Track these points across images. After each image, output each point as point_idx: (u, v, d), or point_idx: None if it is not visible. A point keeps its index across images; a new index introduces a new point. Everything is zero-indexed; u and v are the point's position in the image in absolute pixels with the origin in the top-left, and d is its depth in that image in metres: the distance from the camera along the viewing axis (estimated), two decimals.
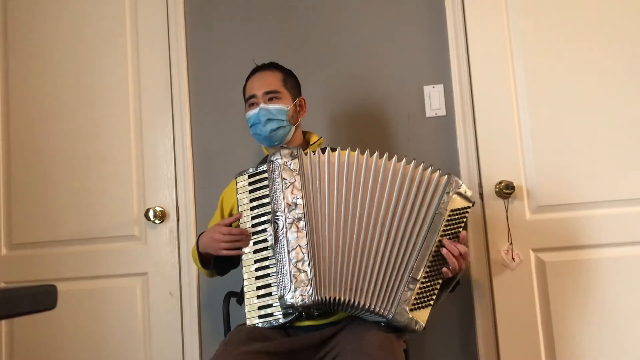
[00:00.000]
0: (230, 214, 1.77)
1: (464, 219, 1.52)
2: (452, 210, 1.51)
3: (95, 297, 2.24)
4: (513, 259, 1.97)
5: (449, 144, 2.10)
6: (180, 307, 2.19)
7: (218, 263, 1.73)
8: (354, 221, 1.48)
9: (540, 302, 1.98)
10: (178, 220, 2.22)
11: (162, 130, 2.28)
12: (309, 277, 1.43)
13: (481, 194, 2.04)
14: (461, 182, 1.54)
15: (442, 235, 1.49)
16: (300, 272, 1.44)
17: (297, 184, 1.50)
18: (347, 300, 1.43)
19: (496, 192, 2.01)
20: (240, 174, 1.61)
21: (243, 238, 1.55)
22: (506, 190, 1.99)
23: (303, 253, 1.45)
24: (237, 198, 1.60)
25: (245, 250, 1.55)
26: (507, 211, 2.00)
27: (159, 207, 2.23)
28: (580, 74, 2.02)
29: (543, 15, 2.06)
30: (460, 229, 1.51)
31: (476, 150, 2.06)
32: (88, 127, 2.32)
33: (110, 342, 2.22)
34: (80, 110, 2.33)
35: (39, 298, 0.86)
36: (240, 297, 1.75)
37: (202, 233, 1.71)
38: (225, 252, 1.58)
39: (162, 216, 2.21)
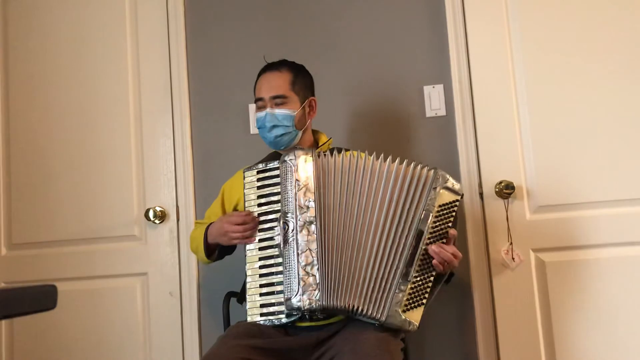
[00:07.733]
0: (235, 209, 1.76)
1: (453, 213, 1.50)
2: (440, 206, 1.49)
3: (95, 297, 2.24)
4: (513, 259, 1.97)
5: (449, 144, 2.10)
6: (180, 307, 2.19)
7: (221, 250, 1.74)
8: (358, 227, 1.48)
9: (540, 302, 1.98)
10: (178, 220, 2.22)
11: (162, 130, 2.28)
12: (317, 282, 1.43)
13: (481, 194, 2.04)
14: (448, 176, 1.51)
15: (431, 233, 1.47)
16: (309, 276, 1.44)
17: (310, 186, 1.50)
18: (345, 305, 1.43)
19: (496, 192, 2.01)
20: (249, 168, 1.60)
21: (254, 226, 1.55)
22: (506, 190, 1.99)
23: (313, 257, 1.45)
24: (244, 193, 1.59)
25: (250, 246, 1.55)
26: (507, 211, 2.00)
27: (159, 207, 2.23)
28: (580, 74, 2.02)
29: (543, 15, 2.06)
30: (450, 224, 1.49)
31: (476, 150, 2.06)
32: (88, 127, 2.32)
33: (110, 342, 2.22)
34: (81, 110, 2.33)
35: (39, 298, 0.86)
36: (241, 295, 1.75)
37: (210, 224, 1.70)
38: (237, 242, 1.59)
39: (162, 216, 2.22)
